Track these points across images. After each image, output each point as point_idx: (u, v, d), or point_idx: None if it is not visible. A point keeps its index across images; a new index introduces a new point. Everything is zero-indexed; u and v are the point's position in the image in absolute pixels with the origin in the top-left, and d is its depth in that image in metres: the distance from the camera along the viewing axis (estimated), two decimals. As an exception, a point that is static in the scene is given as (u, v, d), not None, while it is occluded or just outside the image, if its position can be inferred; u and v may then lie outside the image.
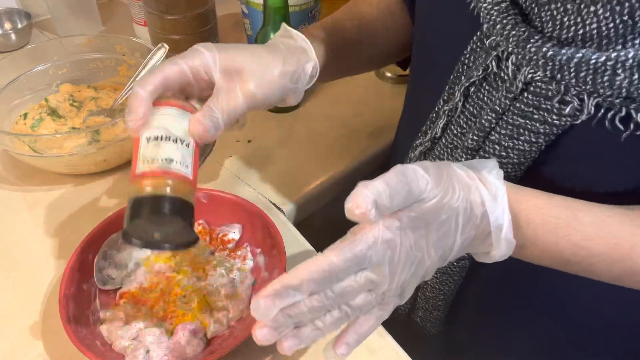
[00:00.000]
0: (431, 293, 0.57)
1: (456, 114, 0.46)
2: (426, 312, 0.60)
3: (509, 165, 0.43)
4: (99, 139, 0.67)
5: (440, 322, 0.61)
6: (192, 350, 0.50)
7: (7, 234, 0.63)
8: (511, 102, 0.40)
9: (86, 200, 0.67)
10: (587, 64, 0.34)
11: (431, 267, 0.38)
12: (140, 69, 0.73)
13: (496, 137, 0.42)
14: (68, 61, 0.78)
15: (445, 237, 0.37)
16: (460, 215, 0.37)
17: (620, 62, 0.33)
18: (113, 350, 0.50)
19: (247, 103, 0.44)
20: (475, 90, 0.44)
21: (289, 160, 0.74)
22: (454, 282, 0.55)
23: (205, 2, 0.81)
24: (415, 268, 0.37)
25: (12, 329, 0.54)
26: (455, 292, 0.56)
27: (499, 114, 0.41)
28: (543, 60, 0.36)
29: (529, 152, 0.41)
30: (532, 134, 0.40)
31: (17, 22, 0.98)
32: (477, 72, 0.42)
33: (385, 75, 0.89)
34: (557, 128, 0.39)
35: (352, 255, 0.34)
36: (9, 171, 0.71)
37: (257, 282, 0.56)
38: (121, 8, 1.08)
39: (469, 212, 0.37)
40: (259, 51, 0.46)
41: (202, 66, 0.43)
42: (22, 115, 0.74)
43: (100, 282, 0.55)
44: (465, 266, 0.53)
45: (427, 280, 0.55)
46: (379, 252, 0.35)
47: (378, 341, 0.53)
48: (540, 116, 0.39)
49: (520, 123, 0.40)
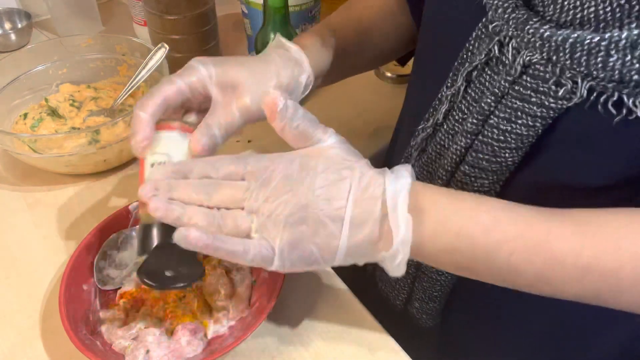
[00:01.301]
0: (427, 283, 0.57)
1: (458, 99, 0.47)
2: (422, 303, 0.60)
3: (506, 150, 0.43)
4: (99, 139, 0.67)
5: (437, 314, 0.61)
6: (192, 350, 0.50)
7: (7, 234, 0.63)
8: (510, 85, 0.41)
9: (86, 200, 0.67)
10: (581, 44, 0.35)
11: (319, 224, 0.38)
12: (140, 69, 0.73)
13: (495, 120, 0.43)
14: (68, 61, 0.78)
15: (334, 192, 0.38)
16: (356, 173, 0.40)
17: (613, 42, 0.34)
18: (113, 350, 0.50)
19: (243, 117, 0.46)
20: (477, 75, 0.44)
21: (289, 160, 0.74)
22: (450, 272, 0.55)
23: (205, 2, 0.81)
24: (289, 199, 0.38)
25: (12, 329, 0.54)
26: (451, 284, 0.56)
27: (498, 98, 0.42)
28: (540, 41, 0.37)
29: (526, 136, 0.41)
30: (530, 117, 0.40)
31: (17, 22, 0.98)
32: (479, 57, 0.43)
33: (385, 75, 0.89)
34: (554, 111, 0.39)
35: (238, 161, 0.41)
36: (9, 171, 0.71)
37: (257, 282, 0.56)
38: (121, 8, 1.08)
39: (367, 182, 0.39)
40: (254, 65, 0.48)
41: (199, 82, 0.46)
42: (22, 115, 0.74)
43: (100, 282, 0.55)
44: None
45: (423, 270, 0.56)
46: (260, 167, 0.41)
47: (378, 341, 0.53)
48: (537, 99, 0.39)
49: (518, 106, 0.41)
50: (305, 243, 0.39)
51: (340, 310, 0.55)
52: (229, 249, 0.39)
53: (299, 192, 0.39)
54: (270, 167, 0.40)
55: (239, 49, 0.96)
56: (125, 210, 0.59)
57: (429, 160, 0.52)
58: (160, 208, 0.40)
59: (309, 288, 0.57)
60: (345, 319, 0.54)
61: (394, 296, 0.63)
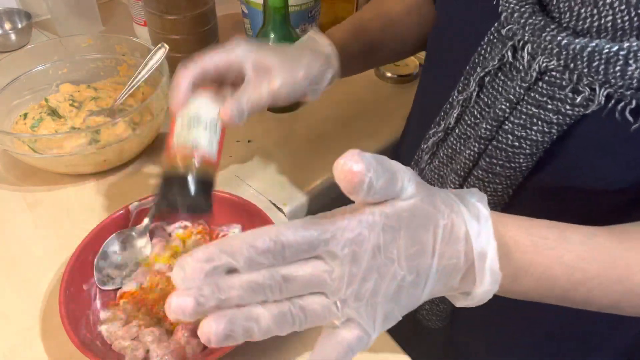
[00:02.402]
0: None
1: (470, 103, 0.47)
2: (433, 304, 0.60)
3: (521, 156, 0.43)
4: (99, 139, 0.67)
5: (447, 316, 0.61)
6: (192, 350, 0.50)
7: (7, 234, 0.63)
8: (525, 91, 0.41)
9: (86, 200, 0.67)
10: (599, 53, 0.35)
11: (403, 290, 0.31)
12: (140, 69, 0.73)
13: (509, 126, 0.42)
14: (68, 61, 0.78)
15: (420, 254, 0.31)
16: (439, 229, 0.31)
17: (632, 52, 0.34)
18: (113, 350, 0.50)
19: (270, 97, 0.49)
20: (490, 80, 0.44)
21: (289, 160, 0.74)
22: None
23: (205, 2, 0.81)
24: (380, 279, 0.30)
25: (12, 329, 0.54)
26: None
27: (513, 104, 0.42)
28: (557, 49, 0.37)
29: (541, 142, 0.41)
30: (546, 124, 0.40)
31: (17, 22, 0.98)
32: (492, 62, 0.43)
33: (385, 75, 0.89)
34: (570, 118, 0.39)
35: (307, 233, 0.29)
36: (9, 171, 0.71)
37: (257, 282, 0.56)
38: (121, 8, 1.08)
39: (449, 230, 0.32)
40: (288, 54, 0.52)
41: (237, 59, 0.49)
42: (22, 115, 0.74)
43: (100, 282, 0.55)
44: None
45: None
46: (340, 242, 0.29)
47: (378, 341, 0.53)
48: (554, 106, 0.39)
49: (534, 113, 0.40)
50: (396, 312, 0.32)
51: (340, 310, 0.55)
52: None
53: (389, 270, 0.31)
54: (357, 240, 0.30)
55: (239, 49, 0.96)
56: (125, 210, 0.59)
57: (441, 164, 0.51)
58: (221, 332, 0.29)
59: (309, 288, 0.57)
60: (345, 319, 0.54)
61: None
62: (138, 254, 0.58)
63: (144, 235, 0.59)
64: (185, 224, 0.61)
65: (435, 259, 0.31)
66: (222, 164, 0.72)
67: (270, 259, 0.29)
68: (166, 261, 0.58)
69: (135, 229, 0.59)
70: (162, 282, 0.56)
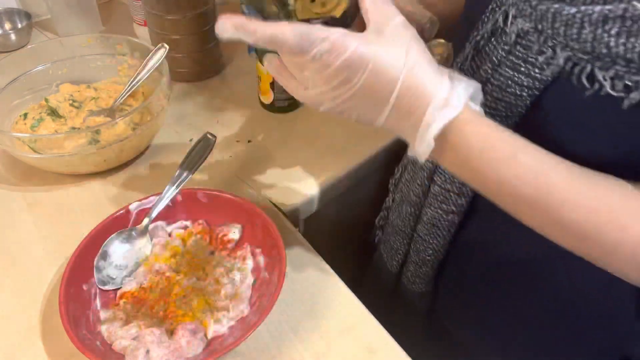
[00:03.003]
0: (421, 246, 0.60)
1: (465, 67, 0.49)
2: (416, 266, 0.63)
3: (497, 118, 0.45)
4: (99, 139, 0.67)
5: (429, 281, 0.64)
6: (192, 350, 0.50)
7: (7, 234, 0.63)
8: (507, 54, 0.44)
9: (86, 200, 0.67)
10: (560, 14, 0.38)
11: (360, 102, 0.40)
12: (140, 69, 0.73)
13: (489, 88, 0.45)
14: (68, 61, 0.78)
15: (382, 89, 0.39)
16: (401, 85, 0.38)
17: (587, 15, 0.36)
18: (113, 350, 0.50)
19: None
20: (484, 44, 0.47)
21: (289, 160, 0.74)
22: (442, 237, 0.58)
23: (205, 2, 0.81)
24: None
25: (12, 329, 0.54)
26: (443, 251, 0.59)
27: (495, 65, 0.45)
28: (530, 9, 0.41)
29: (515, 105, 0.44)
30: (518, 87, 0.43)
31: (17, 22, 0.98)
32: (487, 27, 0.46)
33: (385, 75, 0.89)
34: (539, 82, 0.41)
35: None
36: (9, 171, 0.71)
37: (257, 282, 0.56)
38: (121, 8, 1.08)
39: (419, 90, 0.39)
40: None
41: None
42: (22, 115, 0.74)
43: (100, 282, 0.55)
44: (454, 221, 0.56)
45: (418, 233, 0.60)
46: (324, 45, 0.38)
47: (378, 341, 0.53)
48: (525, 69, 0.42)
49: (510, 75, 0.43)
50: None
51: (340, 310, 0.55)
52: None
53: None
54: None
55: (239, 49, 0.96)
56: (125, 210, 0.59)
57: None
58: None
59: (309, 288, 0.57)
60: (345, 318, 0.54)
61: (391, 257, 0.67)
62: (138, 254, 0.58)
63: (144, 235, 0.59)
64: (185, 224, 0.61)
65: (391, 102, 0.39)
66: (222, 164, 0.73)
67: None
68: (166, 261, 0.58)
69: (135, 229, 0.59)
70: (162, 282, 0.56)
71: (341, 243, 0.90)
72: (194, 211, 0.61)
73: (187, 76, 0.87)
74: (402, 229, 0.64)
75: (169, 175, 0.61)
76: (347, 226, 0.89)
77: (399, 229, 0.64)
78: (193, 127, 0.79)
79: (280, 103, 0.80)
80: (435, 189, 0.56)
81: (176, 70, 0.85)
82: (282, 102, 0.80)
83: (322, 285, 0.57)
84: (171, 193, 0.60)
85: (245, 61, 0.93)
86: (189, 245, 0.59)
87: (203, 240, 0.60)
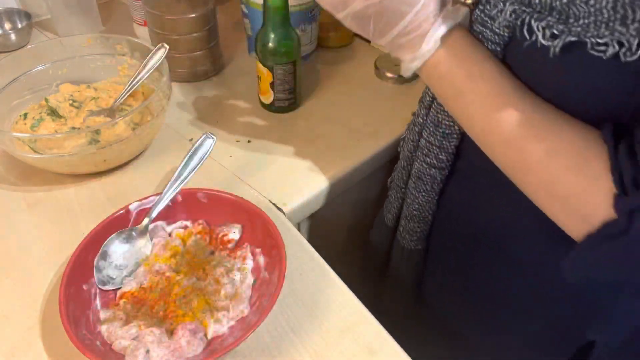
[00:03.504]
0: (409, 199, 0.64)
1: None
2: (406, 220, 0.66)
3: None
4: (99, 139, 0.67)
5: (418, 239, 0.67)
6: (192, 350, 0.50)
7: (7, 234, 0.63)
8: (480, 13, 0.46)
9: (86, 200, 0.67)
10: None
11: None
12: (140, 69, 0.73)
13: None
14: (68, 61, 0.78)
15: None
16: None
17: None
18: (113, 350, 0.50)
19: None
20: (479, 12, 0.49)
21: (289, 160, 0.74)
22: (426, 192, 0.61)
23: (205, 2, 0.81)
24: None
25: (12, 329, 0.54)
26: (428, 207, 0.62)
27: (471, 24, 0.47)
28: None
29: None
30: (489, 43, 0.45)
31: (17, 22, 0.98)
32: None
33: (385, 75, 0.89)
34: (500, 38, 0.44)
35: None
36: (9, 171, 0.71)
37: (257, 282, 0.56)
38: (121, 8, 1.08)
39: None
40: None
41: None
42: (22, 115, 0.74)
43: (100, 282, 0.55)
44: (435, 177, 0.59)
45: (409, 187, 0.64)
46: None
47: (378, 341, 0.53)
48: (490, 24, 0.44)
49: (480, 30, 0.45)
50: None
51: (340, 310, 0.55)
52: None
53: None
54: None
55: (239, 49, 0.96)
56: (125, 210, 0.59)
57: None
58: None
59: (309, 288, 0.57)
60: (345, 318, 0.54)
61: (388, 210, 0.70)
62: (138, 254, 0.58)
63: (144, 235, 0.59)
64: (185, 224, 0.61)
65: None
66: (222, 164, 0.73)
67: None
68: (166, 261, 0.58)
69: (135, 229, 0.59)
70: (162, 282, 0.56)
71: (341, 243, 0.90)
72: (194, 211, 0.61)
73: (187, 76, 0.87)
74: (397, 183, 0.67)
75: (169, 175, 0.61)
76: (347, 226, 0.89)
77: (395, 183, 0.68)
78: (193, 127, 0.79)
79: (280, 103, 0.80)
80: (422, 142, 0.59)
81: (176, 70, 0.85)
82: (282, 102, 0.80)
83: (322, 285, 0.57)
84: (171, 193, 0.60)
85: (245, 61, 0.93)
86: (189, 245, 0.59)
87: (203, 240, 0.60)
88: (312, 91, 0.87)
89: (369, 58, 0.94)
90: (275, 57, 0.74)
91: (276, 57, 0.74)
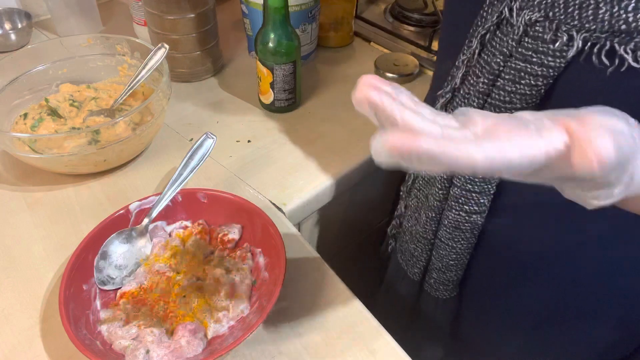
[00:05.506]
0: (444, 251, 0.59)
1: (473, 62, 0.49)
2: (439, 272, 0.62)
3: (512, 111, 0.45)
4: (99, 139, 0.67)
5: (454, 286, 0.63)
6: (192, 350, 0.50)
7: (7, 234, 0.63)
8: (516, 46, 0.43)
9: (86, 200, 0.67)
10: (573, 0, 0.38)
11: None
12: (140, 69, 0.73)
13: (501, 82, 0.45)
14: (68, 61, 0.78)
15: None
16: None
17: None
18: (113, 350, 0.50)
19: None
20: (490, 38, 0.47)
21: (289, 160, 0.74)
22: (466, 239, 0.57)
23: (205, 2, 0.81)
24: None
25: (12, 329, 0.54)
26: (467, 254, 0.59)
27: (506, 57, 0.44)
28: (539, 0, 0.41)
29: (530, 96, 0.44)
30: (532, 77, 0.43)
31: (17, 22, 0.98)
32: (492, 19, 0.45)
33: (385, 75, 0.89)
34: (553, 70, 0.41)
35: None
36: (9, 171, 0.71)
37: (257, 282, 0.56)
38: (121, 8, 1.08)
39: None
40: None
41: None
42: (22, 115, 0.74)
43: (100, 282, 0.55)
44: (477, 222, 0.55)
45: (440, 238, 0.59)
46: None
47: (378, 341, 0.53)
48: (537, 59, 0.42)
49: (521, 67, 0.43)
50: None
51: (340, 310, 0.55)
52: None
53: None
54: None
55: (239, 49, 0.96)
56: (125, 210, 0.59)
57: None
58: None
59: (309, 288, 0.57)
60: (345, 318, 0.54)
61: (412, 265, 0.65)
62: (138, 254, 0.58)
63: (144, 235, 0.59)
64: (185, 224, 0.61)
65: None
66: (222, 163, 0.72)
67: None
68: (166, 261, 0.58)
69: (135, 229, 0.59)
70: (162, 282, 0.56)
71: (341, 243, 0.90)
72: (194, 211, 0.61)
73: (187, 76, 0.87)
74: (423, 235, 0.61)
75: (169, 175, 0.61)
76: (347, 226, 0.89)
77: (419, 235, 0.62)
78: (193, 127, 0.79)
79: (280, 103, 0.80)
80: (455, 191, 0.54)
81: (176, 70, 0.85)
82: (282, 102, 0.80)
83: (322, 285, 0.57)
84: (171, 193, 0.60)
85: (245, 61, 0.93)
86: (189, 245, 0.59)
87: (203, 240, 0.60)
88: (312, 91, 0.87)
89: (369, 58, 0.94)
90: (275, 57, 0.74)
91: (276, 57, 0.75)
